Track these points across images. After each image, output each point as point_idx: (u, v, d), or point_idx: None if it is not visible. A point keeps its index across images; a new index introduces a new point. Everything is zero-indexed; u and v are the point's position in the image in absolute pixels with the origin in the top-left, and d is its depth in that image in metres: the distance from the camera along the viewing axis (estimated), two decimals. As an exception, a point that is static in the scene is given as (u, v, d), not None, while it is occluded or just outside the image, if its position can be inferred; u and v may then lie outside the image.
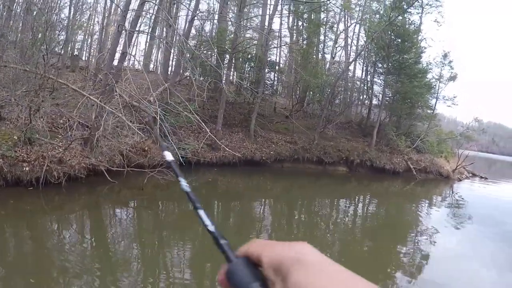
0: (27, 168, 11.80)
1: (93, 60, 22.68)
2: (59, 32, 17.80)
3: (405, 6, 22.84)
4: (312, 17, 24.47)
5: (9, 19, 20.22)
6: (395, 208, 17.30)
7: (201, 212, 0.73)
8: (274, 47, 21.26)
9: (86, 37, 25.16)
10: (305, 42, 25.02)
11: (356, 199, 17.98)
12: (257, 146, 19.33)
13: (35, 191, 11.79)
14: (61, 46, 18.49)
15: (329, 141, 21.57)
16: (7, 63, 13.88)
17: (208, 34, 23.65)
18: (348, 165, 21.45)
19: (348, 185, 19.90)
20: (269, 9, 22.42)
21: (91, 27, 24.88)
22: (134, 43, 32.39)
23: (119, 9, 18.64)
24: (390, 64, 24.99)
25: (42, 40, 14.67)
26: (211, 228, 0.70)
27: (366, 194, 19.12)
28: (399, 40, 24.26)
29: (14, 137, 12.19)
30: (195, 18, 20.06)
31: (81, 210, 12.05)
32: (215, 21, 23.15)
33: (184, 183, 0.80)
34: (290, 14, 25.30)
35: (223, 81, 17.22)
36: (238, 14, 18.91)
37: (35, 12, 16.86)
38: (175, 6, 23.21)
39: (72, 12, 22.15)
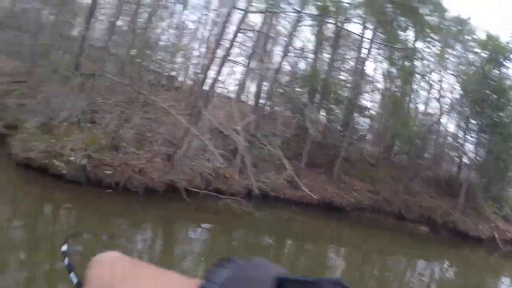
0: (109, 172, 12.31)
1: (187, 83, 23.20)
2: (154, 51, 18.33)
3: (501, 59, 21.52)
4: (406, 64, 23.78)
5: (113, 33, 21.28)
6: (475, 280, 15.76)
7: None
8: (366, 92, 20.59)
9: (185, 60, 25.93)
10: (397, 89, 24.11)
11: (433, 263, 16.67)
12: (338, 191, 18.64)
13: (112, 194, 12.24)
14: (157, 65, 19.02)
15: (413, 196, 20.30)
16: (105, 73, 14.49)
17: (301, 72, 23.52)
18: (430, 225, 19.94)
19: (426, 246, 18.48)
20: (364, 52, 22.09)
21: (190, 51, 25.58)
22: (229, 72, 33.16)
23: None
24: (483, 120, 23.38)
25: (141, 57, 15.21)
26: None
27: (444, 259, 17.68)
28: (494, 95, 22.66)
29: (102, 141, 12.69)
30: (288, 54, 20.15)
31: (154, 221, 12.41)
32: (309, 59, 22.89)
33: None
34: (383, 60, 24.52)
35: (311, 119, 16.86)
36: (332, 54, 18.57)
37: (137, 31, 17.46)
38: (270, 40, 23.39)
39: (172, 35, 23.09)
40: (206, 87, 15.42)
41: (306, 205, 17.45)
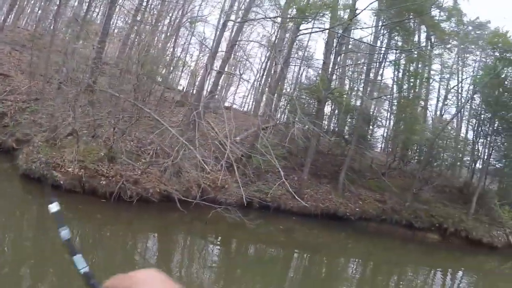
0: (104, 182, 12.88)
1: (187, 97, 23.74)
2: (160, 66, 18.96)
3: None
4: (418, 70, 23.36)
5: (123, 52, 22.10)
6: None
7: (77, 257, 0.88)
8: (372, 98, 20.37)
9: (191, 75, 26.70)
10: (408, 95, 23.67)
11: (446, 272, 16.03)
12: (343, 201, 18.36)
13: (107, 203, 12.74)
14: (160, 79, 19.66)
15: (423, 205, 19.67)
16: (107, 88, 15.13)
17: (306, 81, 23.63)
18: (441, 233, 19.16)
19: (437, 254, 17.77)
20: (376, 59, 21.94)
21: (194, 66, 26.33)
22: (228, 84, 33.77)
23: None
24: (497, 123, 22.63)
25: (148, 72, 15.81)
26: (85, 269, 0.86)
27: (458, 267, 17.13)
28: (508, 94, 21.88)
29: (101, 153, 13.22)
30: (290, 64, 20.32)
31: (150, 231, 12.78)
32: (317, 67, 22.90)
33: (63, 232, 0.99)
34: (395, 66, 24.05)
35: (313, 129, 16.90)
36: (333, 61, 18.56)
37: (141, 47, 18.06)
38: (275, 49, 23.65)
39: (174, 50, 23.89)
40: (203, 99, 15.73)
41: (309, 216, 17.30)
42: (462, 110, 25.94)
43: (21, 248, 8.96)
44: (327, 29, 17.83)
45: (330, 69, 18.73)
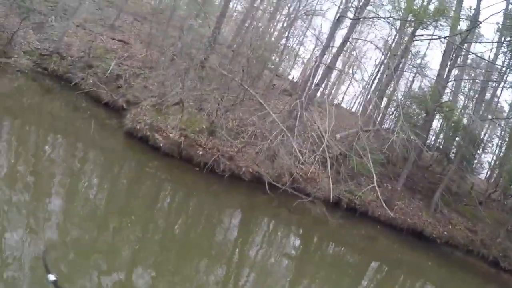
0: (200, 152, 13.38)
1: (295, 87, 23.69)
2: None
3: None
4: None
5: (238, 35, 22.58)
6: None
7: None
8: (483, 120, 18.89)
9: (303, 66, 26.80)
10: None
11: None
12: (432, 221, 17.27)
13: (199, 173, 13.21)
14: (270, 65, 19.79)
15: None
16: (214, 66, 15.52)
17: (419, 91, 22.56)
18: None
19: None
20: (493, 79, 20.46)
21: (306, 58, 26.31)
22: (339, 82, 33.32)
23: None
24: None
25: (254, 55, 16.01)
26: None
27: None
28: None
29: (203, 126, 13.63)
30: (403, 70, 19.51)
31: (235, 207, 13.01)
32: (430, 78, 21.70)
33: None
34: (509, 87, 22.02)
35: (415, 140, 16.05)
36: (444, 73, 17.41)
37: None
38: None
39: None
40: (308, 90, 15.59)
41: (394, 228, 16.61)
42: None
43: (113, 198, 9.41)
44: (441, 37, 16.87)
45: (443, 82, 17.64)
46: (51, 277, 2.11)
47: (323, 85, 15.38)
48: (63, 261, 5.83)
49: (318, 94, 17.07)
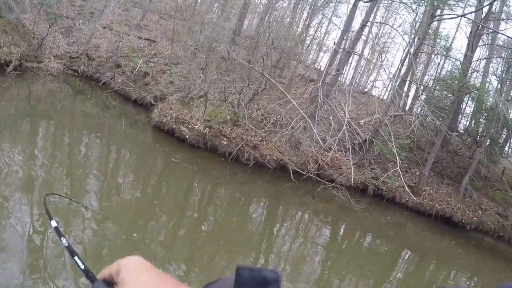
0: (225, 142, 13.68)
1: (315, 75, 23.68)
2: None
3: None
4: None
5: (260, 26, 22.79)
6: None
7: (76, 258, 1.00)
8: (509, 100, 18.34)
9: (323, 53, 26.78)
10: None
11: None
12: (461, 206, 16.99)
13: (224, 162, 13.55)
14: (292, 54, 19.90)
15: None
16: (234, 56, 15.82)
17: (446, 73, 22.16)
18: None
19: None
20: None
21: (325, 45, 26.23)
22: (369, 70, 33.07)
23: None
24: None
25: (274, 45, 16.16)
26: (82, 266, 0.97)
27: None
28: None
29: (227, 116, 13.94)
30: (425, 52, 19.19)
31: (261, 195, 13.15)
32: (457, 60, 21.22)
33: (64, 241, 1.12)
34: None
35: (440, 123, 15.89)
36: (469, 54, 17.00)
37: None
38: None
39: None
40: (328, 76, 15.62)
41: (423, 214, 16.48)
42: None
43: (142, 188, 9.76)
44: (459, 16, 16.50)
45: (467, 62, 17.28)
46: (53, 223, 2.18)
47: (342, 71, 15.30)
48: (95, 254, 6.07)
49: (343, 81, 17.03)
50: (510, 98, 19.65)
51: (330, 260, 10.31)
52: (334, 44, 15.20)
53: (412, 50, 16.33)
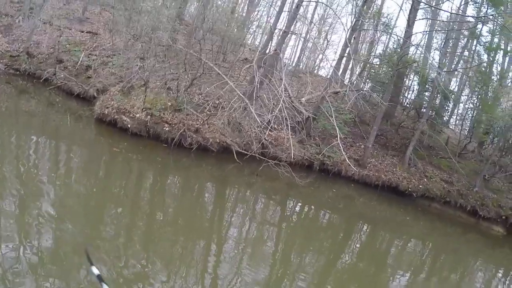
0: (167, 129, 13.80)
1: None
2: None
3: None
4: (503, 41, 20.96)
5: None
6: None
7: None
8: (447, 71, 18.90)
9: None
10: (486, 70, 20.98)
11: (507, 272, 13.53)
12: (407, 176, 17.57)
13: (167, 148, 13.68)
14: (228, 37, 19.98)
15: (492, 193, 17.85)
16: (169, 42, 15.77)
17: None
18: (507, 227, 16.98)
19: (499, 251, 15.75)
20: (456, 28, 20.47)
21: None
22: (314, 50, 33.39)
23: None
24: None
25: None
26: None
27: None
28: None
29: (168, 103, 14.05)
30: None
31: (207, 179, 13.24)
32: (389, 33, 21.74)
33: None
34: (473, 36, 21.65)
35: (380, 96, 16.40)
36: (407, 29, 17.52)
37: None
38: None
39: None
40: (265, 57, 15.77)
41: (369, 186, 16.99)
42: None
43: (90, 184, 9.59)
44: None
45: (407, 38, 17.75)
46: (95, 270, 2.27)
47: (280, 51, 15.49)
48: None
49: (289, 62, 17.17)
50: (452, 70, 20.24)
51: (285, 237, 10.49)
52: (270, 25, 15.38)
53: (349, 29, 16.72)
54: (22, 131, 12.22)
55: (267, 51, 14.94)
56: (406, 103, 24.28)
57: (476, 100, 22.07)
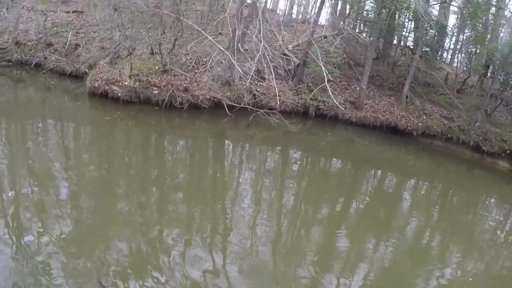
0: (156, 92, 13.92)
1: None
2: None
3: None
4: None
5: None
6: None
7: None
8: (435, 4, 18.36)
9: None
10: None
11: None
12: (405, 114, 17.38)
13: (159, 111, 13.81)
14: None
15: (496, 127, 17.48)
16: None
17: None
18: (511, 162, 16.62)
19: (505, 186, 15.35)
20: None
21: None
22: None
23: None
24: None
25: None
26: None
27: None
28: None
29: (156, 67, 14.17)
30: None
31: (203, 136, 13.43)
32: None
33: None
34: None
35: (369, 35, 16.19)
36: None
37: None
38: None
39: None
40: (249, 10, 15.61)
41: (368, 127, 16.87)
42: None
43: (94, 160, 9.64)
44: None
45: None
46: None
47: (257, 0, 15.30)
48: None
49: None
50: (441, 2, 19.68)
51: (295, 189, 10.40)
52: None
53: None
54: (24, 119, 12.17)
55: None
56: (402, 42, 23.87)
57: (468, 32, 21.52)
